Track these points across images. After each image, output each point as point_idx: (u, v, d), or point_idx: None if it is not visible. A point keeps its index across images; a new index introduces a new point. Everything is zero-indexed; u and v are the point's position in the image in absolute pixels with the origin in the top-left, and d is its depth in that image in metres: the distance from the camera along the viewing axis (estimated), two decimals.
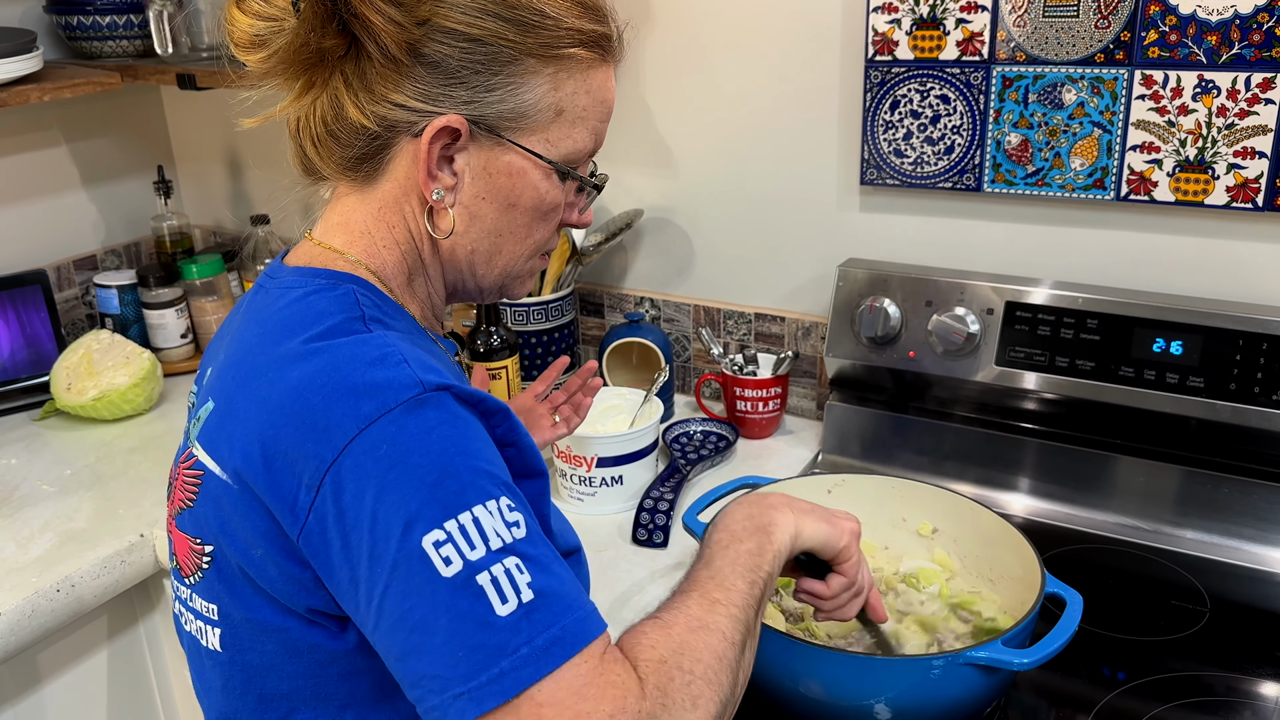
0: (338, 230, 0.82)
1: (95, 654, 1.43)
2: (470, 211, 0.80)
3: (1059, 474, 1.35)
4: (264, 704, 0.78)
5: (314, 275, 0.79)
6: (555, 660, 0.65)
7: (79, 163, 1.94)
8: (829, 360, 1.46)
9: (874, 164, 1.44)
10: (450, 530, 0.65)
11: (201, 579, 0.79)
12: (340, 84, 0.77)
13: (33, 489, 1.49)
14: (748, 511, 0.85)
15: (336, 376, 0.70)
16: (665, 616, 0.74)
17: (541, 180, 0.80)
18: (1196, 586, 1.21)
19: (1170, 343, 1.25)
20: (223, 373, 0.78)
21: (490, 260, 0.83)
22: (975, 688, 0.92)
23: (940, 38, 1.35)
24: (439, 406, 0.69)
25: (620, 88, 1.61)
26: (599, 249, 1.62)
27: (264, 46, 0.77)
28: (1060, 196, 1.35)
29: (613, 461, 1.36)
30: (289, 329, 0.75)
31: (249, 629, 0.77)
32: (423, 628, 0.65)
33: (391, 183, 0.80)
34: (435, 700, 0.65)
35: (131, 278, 1.85)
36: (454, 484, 0.67)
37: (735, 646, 0.74)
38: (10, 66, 1.56)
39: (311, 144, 0.81)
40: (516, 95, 0.77)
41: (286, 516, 0.70)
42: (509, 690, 0.64)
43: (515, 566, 0.66)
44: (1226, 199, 1.26)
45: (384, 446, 0.67)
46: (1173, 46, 1.24)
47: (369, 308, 0.77)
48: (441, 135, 0.76)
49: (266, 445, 0.70)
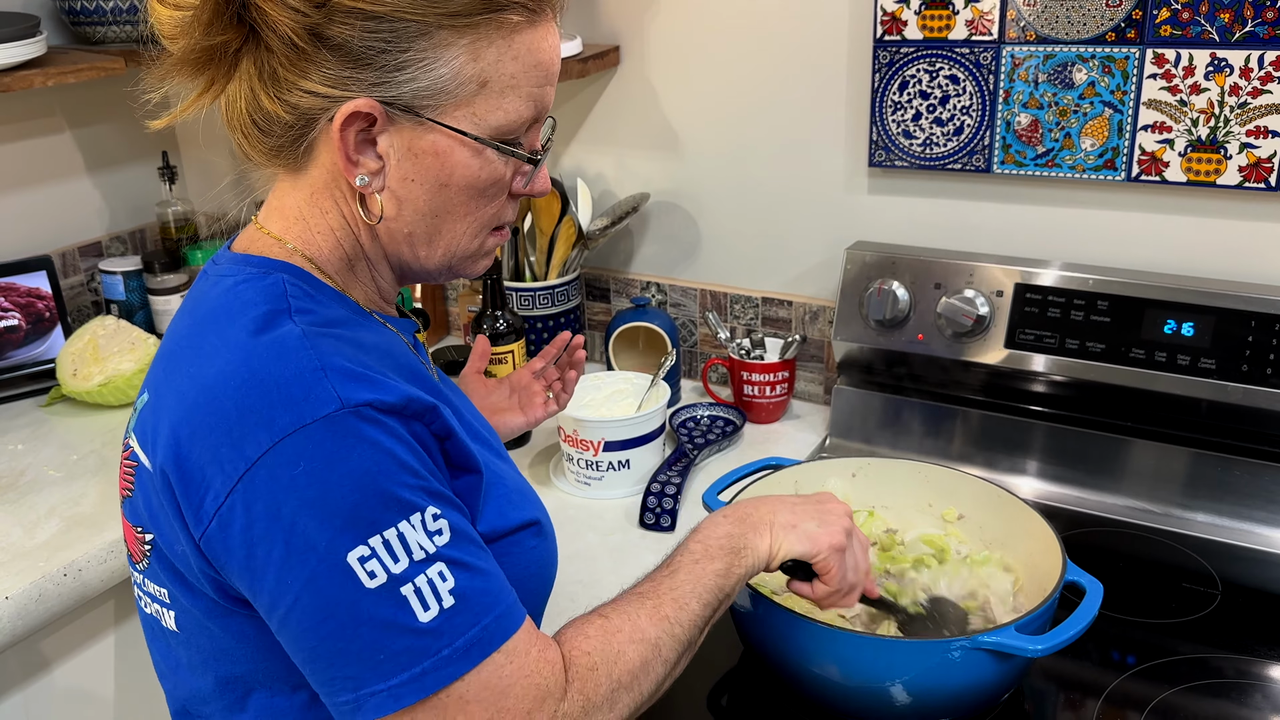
0: (275, 215, 0.80)
1: (102, 639, 1.43)
2: (398, 195, 0.77)
3: (1068, 457, 1.34)
4: (222, 684, 0.79)
5: (247, 263, 0.78)
6: (475, 658, 0.68)
7: (83, 149, 1.94)
8: (836, 344, 1.46)
9: (882, 145, 1.43)
10: (374, 546, 0.67)
11: (149, 565, 0.79)
12: (253, 73, 0.75)
13: (39, 474, 1.49)
14: (729, 529, 0.86)
15: (251, 380, 0.69)
16: (613, 619, 0.77)
17: (471, 158, 0.76)
18: (1207, 569, 1.20)
19: (1181, 324, 1.24)
20: (156, 363, 0.78)
21: (431, 241, 0.80)
22: (990, 673, 0.92)
23: (949, 17, 1.34)
24: (360, 423, 0.68)
25: (625, 70, 1.60)
26: (605, 233, 1.61)
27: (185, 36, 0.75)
28: (1071, 177, 1.34)
29: (620, 446, 1.35)
30: (214, 320, 0.74)
31: (194, 614, 0.77)
32: (339, 634, 0.67)
33: (319, 169, 0.78)
34: (348, 696, 0.68)
35: (137, 264, 1.85)
36: (375, 502, 0.67)
37: (667, 664, 0.77)
38: (13, 51, 1.55)
39: (240, 134, 0.79)
40: (430, 71, 0.73)
41: (191, 517, 0.70)
42: (429, 688, 0.67)
43: (438, 574, 0.68)
44: (1239, 179, 1.25)
45: (302, 463, 0.66)
46: (1185, 25, 1.22)
47: (297, 298, 0.75)
48: (354, 120, 0.73)
49: (180, 444, 0.70)
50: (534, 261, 1.64)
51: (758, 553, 0.86)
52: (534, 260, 1.64)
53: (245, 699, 0.78)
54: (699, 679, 1.05)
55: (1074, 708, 1.00)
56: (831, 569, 0.89)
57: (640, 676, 0.75)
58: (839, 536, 0.90)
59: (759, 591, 0.96)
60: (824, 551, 0.88)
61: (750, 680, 1.06)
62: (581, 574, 1.23)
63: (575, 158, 1.69)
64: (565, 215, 1.59)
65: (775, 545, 0.87)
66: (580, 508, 1.37)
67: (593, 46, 1.59)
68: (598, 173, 1.69)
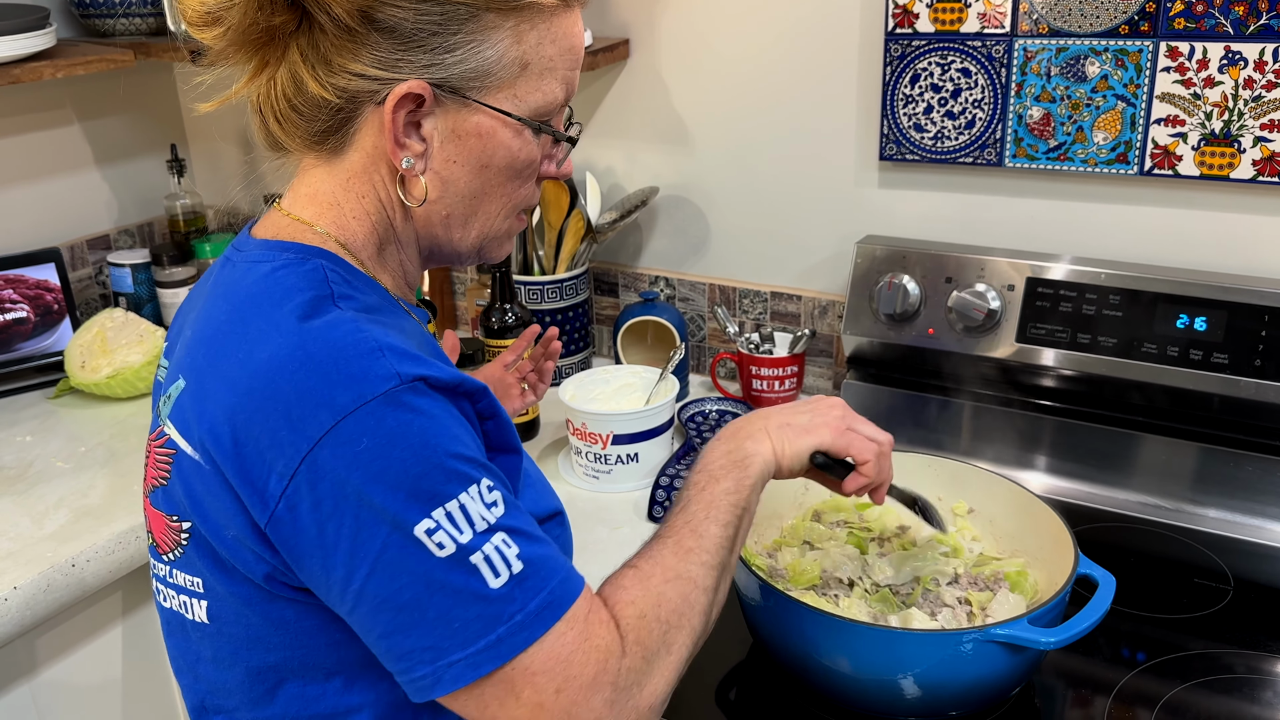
0: (306, 202, 0.80)
1: (110, 630, 1.43)
2: (442, 177, 0.79)
3: (1079, 452, 1.34)
4: (252, 675, 0.78)
5: (282, 249, 0.78)
6: (546, 622, 0.69)
7: (91, 142, 1.94)
8: (846, 338, 1.45)
9: (893, 139, 1.43)
10: (439, 518, 0.68)
11: (182, 555, 0.78)
12: (297, 58, 0.75)
13: (47, 466, 1.49)
14: (725, 448, 0.87)
15: (309, 361, 0.69)
16: (643, 567, 0.78)
17: (513, 138, 0.78)
18: (1219, 565, 1.19)
19: (1194, 319, 1.23)
20: (192, 349, 0.76)
21: (466, 223, 0.82)
22: (1001, 666, 0.91)
23: (961, 10, 1.33)
24: (416, 397, 0.69)
25: (635, 63, 1.60)
26: (614, 227, 1.61)
27: (218, 23, 0.75)
28: (1083, 171, 1.33)
29: (628, 439, 1.35)
30: (256, 305, 0.74)
31: (232, 602, 0.76)
32: (414, 606, 0.67)
33: (359, 153, 0.78)
34: (426, 670, 0.68)
35: (145, 257, 1.85)
36: (439, 474, 0.68)
37: (707, 591, 0.78)
38: (23, 43, 1.55)
39: (275, 120, 0.79)
40: (478, 53, 0.75)
41: (255, 502, 0.69)
42: (505, 655, 0.68)
43: (503, 541, 0.69)
44: (1253, 173, 1.24)
45: (364, 440, 0.67)
46: (1199, 17, 1.22)
47: (338, 284, 0.75)
48: (405, 102, 0.74)
49: (237, 429, 0.69)
50: (542, 255, 1.64)
51: (763, 457, 0.87)
52: (542, 254, 1.64)
53: (275, 690, 0.78)
54: (707, 673, 1.05)
55: (1084, 704, 1.00)
56: (850, 446, 0.90)
57: (685, 611, 0.76)
58: (835, 419, 0.91)
59: (769, 584, 0.95)
60: (829, 435, 0.90)
61: (759, 674, 1.06)
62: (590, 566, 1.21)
63: (584, 151, 1.69)
64: (574, 209, 1.59)
65: (778, 446, 0.88)
66: (589, 501, 1.37)
67: (603, 39, 1.58)
68: (607, 166, 1.68)
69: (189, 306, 0.85)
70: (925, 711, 0.95)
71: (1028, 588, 1.05)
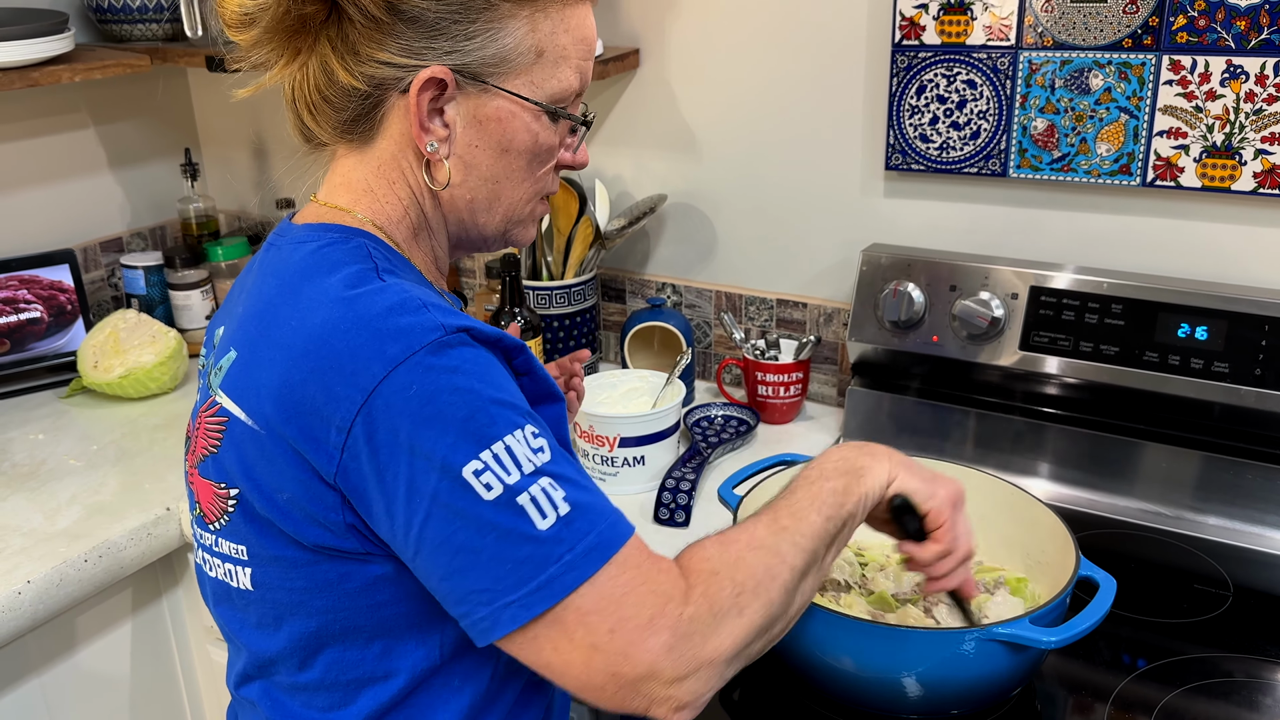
0: (341, 190, 0.84)
1: (120, 626, 1.45)
2: (465, 161, 0.82)
3: (1081, 459, 1.35)
4: (294, 640, 0.80)
5: (325, 230, 0.82)
6: (595, 563, 0.70)
7: (106, 145, 1.96)
8: (851, 345, 1.47)
9: (899, 149, 1.45)
10: (486, 460, 0.70)
11: (227, 523, 0.81)
12: (327, 49, 0.80)
13: (59, 463, 1.51)
14: (844, 454, 0.87)
15: (359, 321, 0.72)
16: (729, 534, 0.78)
17: (531, 122, 0.82)
18: (1219, 572, 1.20)
19: (1195, 328, 1.25)
20: (244, 323, 0.80)
21: (491, 207, 0.85)
22: (1003, 666, 0.92)
23: (968, 23, 1.35)
24: (461, 346, 0.73)
25: (645, 73, 1.62)
26: (622, 233, 1.63)
27: (253, 24, 0.79)
28: (1086, 182, 1.35)
29: (635, 442, 1.36)
30: (307, 278, 0.77)
31: (277, 567, 0.79)
32: (468, 548, 0.69)
33: (387, 140, 0.82)
34: (484, 611, 0.70)
35: (158, 259, 1.87)
36: (484, 417, 0.70)
37: (793, 570, 0.76)
38: (42, 46, 1.58)
39: (307, 111, 0.83)
40: (496, 40, 0.78)
41: (320, 458, 0.72)
42: (556, 594, 0.69)
43: (550, 485, 0.71)
44: (1254, 185, 1.26)
45: (414, 386, 0.70)
46: (1201, 31, 1.24)
47: (381, 260, 0.79)
48: (428, 87, 0.78)
49: (293, 389, 0.72)
50: (551, 261, 1.66)
51: (876, 474, 0.85)
52: (551, 260, 1.66)
53: (316, 655, 0.80)
54: None
55: (1083, 708, 1.01)
56: (944, 519, 0.87)
57: (765, 581, 0.74)
58: (952, 489, 0.89)
59: None
60: (937, 498, 0.87)
61: (763, 676, 1.07)
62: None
63: (594, 158, 1.71)
64: (583, 215, 1.61)
65: (893, 473, 0.86)
66: None
67: (613, 49, 1.60)
68: (616, 174, 1.70)
69: (233, 296, 0.88)
70: (927, 710, 0.96)
71: (1027, 595, 1.07)
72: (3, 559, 1.27)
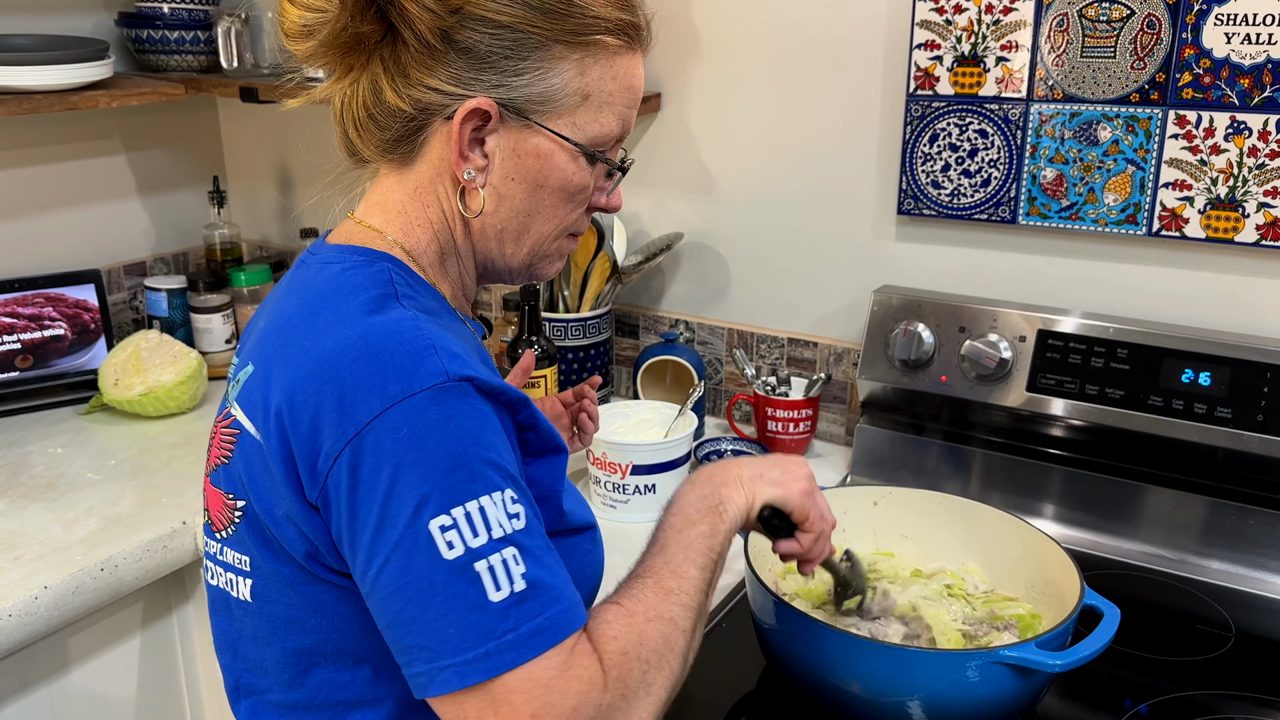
0: (376, 210, 0.87)
1: (129, 640, 1.45)
2: (499, 192, 0.84)
3: (1086, 500, 1.37)
4: (287, 657, 0.82)
5: (351, 252, 0.84)
6: (537, 647, 0.70)
7: (135, 172, 2.01)
8: (861, 382, 1.50)
9: (911, 194, 1.49)
10: (456, 516, 0.70)
11: (234, 532, 0.82)
12: (379, 69, 0.82)
13: (78, 476, 1.53)
14: (700, 492, 0.89)
15: (367, 352, 0.73)
16: (626, 604, 0.78)
17: (568, 163, 0.84)
18: (1222, 615, 1.22)
19: (1199, 373, 1.28)
20: (263, 339, 0.82)
21: (519, 239, 0.87)
22: (1009, 690, 0.94)
23: (980, 75, 1.40)
24: (460, 397, 0.73)
25: (666, 116, 1.67)
26: (639, 269, 1.66)
27: (311, 36, 0.82)
28: (1093, 230, 1.39)
29: (647, 470, 1.39)
30: (326, 301, 0.79)
31: (276, 582, 0.80)
32: (417, 602, 0.70)
33: (426, 164, 0.84)
34: (422, 668, 0.70)
35: (182, 282, 1.91)
36: (465, 473, 0.71)
37: (686, 634, 0.79)
38: (84, 71, 1.63)
39: (354, 127, 0.86)
40: (544, 80, 0.80)
41: (306, 478, 0.74)
42: (491, 670, 0.69)
43: (513, 557, 0.71)
44: (1256, 236, 1.30)
45: (404, 429, 0.71)
46: (1206, 88, 1.28)
47: (402, 285, 0.81)
48: (472, 117, 0.80)
49: (295, 409, 0.74)
50: (568, 295, 1.70)
51: (736, 504, 0.88)
52: (568, 293, 1.69)
53: (307, 673, 0.81)
54: (717, 702, 1.07)
55: None
56: (808, 513, 0.92)
57: (665, 652, 0.76)
58: (804, 481, 0.93)
59: (783, 601, 0.99)
60: (796, 496, 0.92)
61: (769, 702, 1.08)
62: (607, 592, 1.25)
63: None
64: (601, 250, 1.65)
65: (749, 495, 0.90)
66: (606, 529, 1.37)
67: None
68: (634, 212, 1.75)
69: (262, 308, 0.90)
70: None
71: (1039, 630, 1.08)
72: (21, 565, 1.29)
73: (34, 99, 1.57)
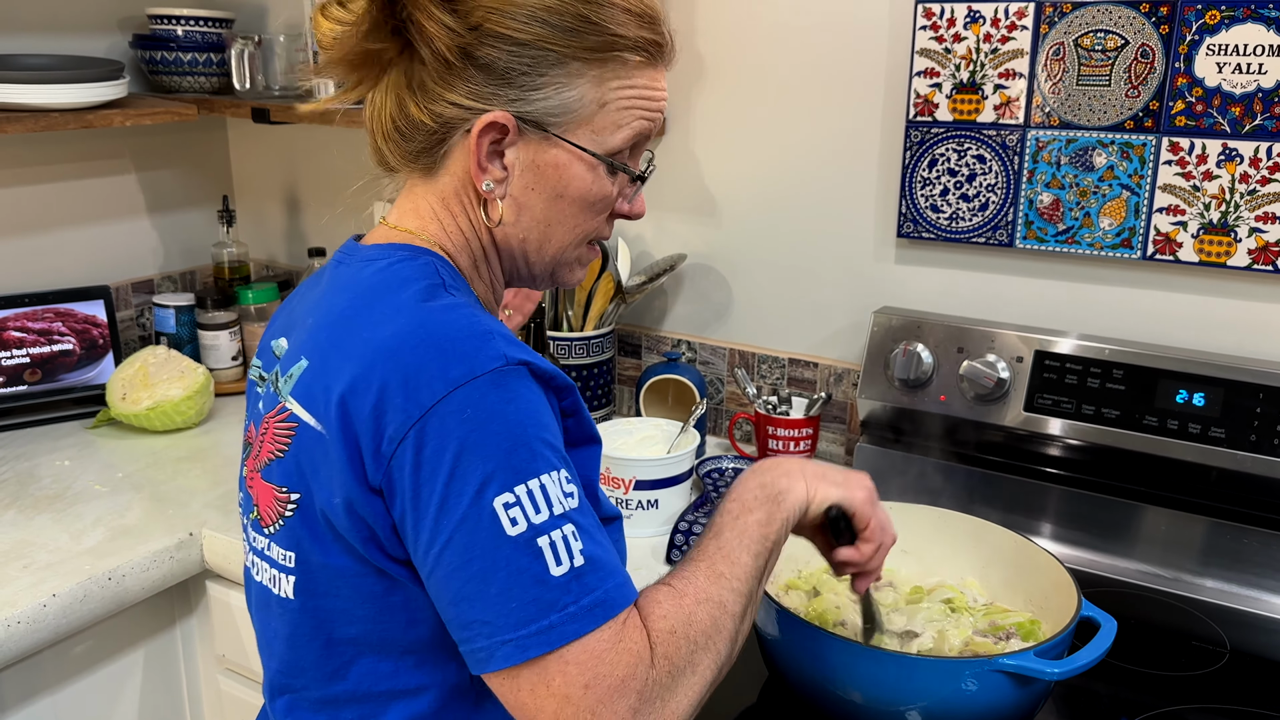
0: (410, 215, 0.89)
1: (133, 651, 1.46)
2: (519, 202, 0.86)
3: (1082, 519, 1.39)
4: (329, 649, 0.83)
5: (395, 248, 0.86)
6: (595, 620, 0.72)
7: (145, 191, 2.04)
8: (861, 402, 1.52)
9: (911, 218, 1.52)
10: (519, 494, 0.72)
11: (282, 527, 0.84)
12: (402, 82, 0.85)
13: (85, 488, 1.54)
14: (760, 480, 0.89)
15: (428, 338, 0.76)
16: (677, 585, 0.80)
17: (586, 173, 0.85)
18: (1218, 634, 1.23)
19: (1193, 394, 1.30)
20: (315, 334, 0.84)
21: (541, 248, 0.89)
22: (1007, 699, 0.95)
23: (979, 101, 1.44)
24: (518, 379, 0.75)
25: (670, 139, 1.70)
26: (642, 289, 1.69)
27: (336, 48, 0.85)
28: (1089, 254, 1.41)
29: (650, 485, 1.40)
30: (378, 293, 0.81)
31: (325, 574, 0.81)
32: (481, 577, 0.71)
33: (450, 175, 0.86)
34: (483, 643, 0.72)
35: (190, 299, 1.93)
36: (525, 452, 0.73)
37: (735, 618, 0.80)
38: (99, 90, 1.66)
39: (382, 138, 0.88)
40: (561, 93, 0.82)
41: (370, 463, 0.75)
42: (553, 642, 0.71)
43: (571, 533, 0.73)
44: (1248, 261, 1.32)
45: (469, 410, 0.73)
46: (1199, 116, 1.32)
47: (448, 277, 0.84)
48: (489, 131, 0.82)
49: (358, 395, 0.76)
50: (572, 314, 1.72)
51: (795, 495, 0.89)
52: (572, 313, 1.72)
53: (349, 665, 0.82)
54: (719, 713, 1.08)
55: None
56: (869, 519, 0.93)
57: (713, 635, 0.78)
58: (867, 490, 0.94)
59: (786, 610, 1.00)
60: (860, 501, 0.92)
61: (770, 714, 1.09)
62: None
63: None
64: (605, 270, 1.67)
65: (811, 490, 0.90)
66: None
67: None
68: (638, 233, 1.77)
69: (292, 307, 0.92)
70: None
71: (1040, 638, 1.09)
72: (30, 573, 1.30)
73: (51, 117, 1.60)
